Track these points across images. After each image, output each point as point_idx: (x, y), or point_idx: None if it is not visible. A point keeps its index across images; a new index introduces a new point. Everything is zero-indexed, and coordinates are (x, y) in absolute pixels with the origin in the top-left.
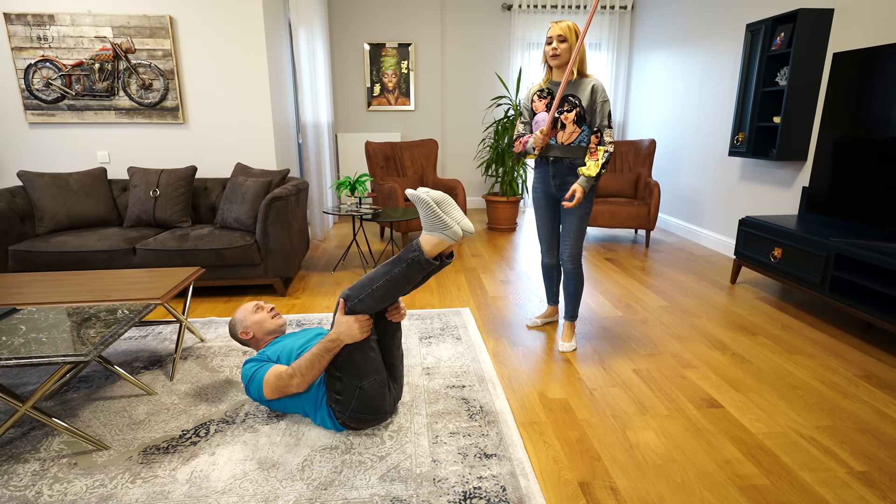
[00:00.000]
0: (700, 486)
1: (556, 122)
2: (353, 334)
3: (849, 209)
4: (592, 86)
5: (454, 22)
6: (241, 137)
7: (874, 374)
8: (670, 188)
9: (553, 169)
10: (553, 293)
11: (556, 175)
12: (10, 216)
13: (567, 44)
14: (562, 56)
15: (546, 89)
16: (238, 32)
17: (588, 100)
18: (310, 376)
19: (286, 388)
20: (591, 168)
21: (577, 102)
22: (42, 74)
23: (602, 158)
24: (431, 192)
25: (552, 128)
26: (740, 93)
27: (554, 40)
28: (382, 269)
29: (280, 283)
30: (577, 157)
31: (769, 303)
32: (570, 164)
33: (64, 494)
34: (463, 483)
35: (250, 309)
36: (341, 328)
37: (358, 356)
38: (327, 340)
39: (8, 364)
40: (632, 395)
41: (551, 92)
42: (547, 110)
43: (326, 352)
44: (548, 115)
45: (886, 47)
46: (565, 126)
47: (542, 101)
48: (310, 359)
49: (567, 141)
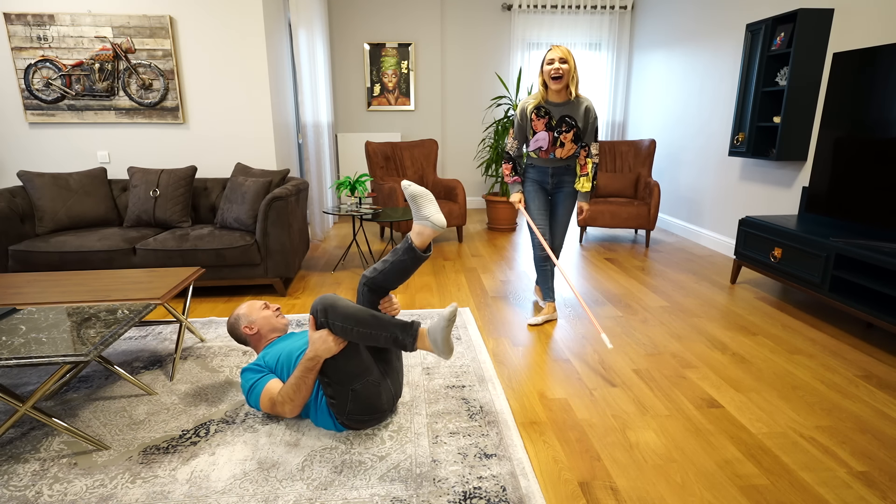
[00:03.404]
0: (700, 486)
1: (555, 141)
2: (329, 348)
3: (849, 209)
4: (586, 107)
5: (454, 22)
6: (241, 137)
7: (874, 374)
8: (670, 188)
9: (552, 170)
10: (550, 287)
11: (555, 174)
12: (10, 216)
13: (567, 65)
14: (563, 78)
15: (543, 108)
16: (238, 32)
17: (583, 120)
18: (299, 399)
19: (280, 414)
20: (584, 185)
21: (574, 123)
22: (42, 74)
23: (591, 171)
24: (412, 187)
25: (552, 146)
26: (740, 93)
27: (556, 61)
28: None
29: (280, 283)
30: (573, 163)
31: (769, 303)
32: (567, 167)
33: (64, 494)
34: (463, 483)
35: (258, 306)
36: (317, 345)
37: (342, 362)
38: (306, 360)
39: (8, 364)
40: (632, 395)
41: (549, 111)
42: (546, 129)
43: (308, 371)
44: (548, 134)
45: (886, 47)
46: (564, 144)
47: (540, 119)
48: (294, 382)
49: (565, 156)
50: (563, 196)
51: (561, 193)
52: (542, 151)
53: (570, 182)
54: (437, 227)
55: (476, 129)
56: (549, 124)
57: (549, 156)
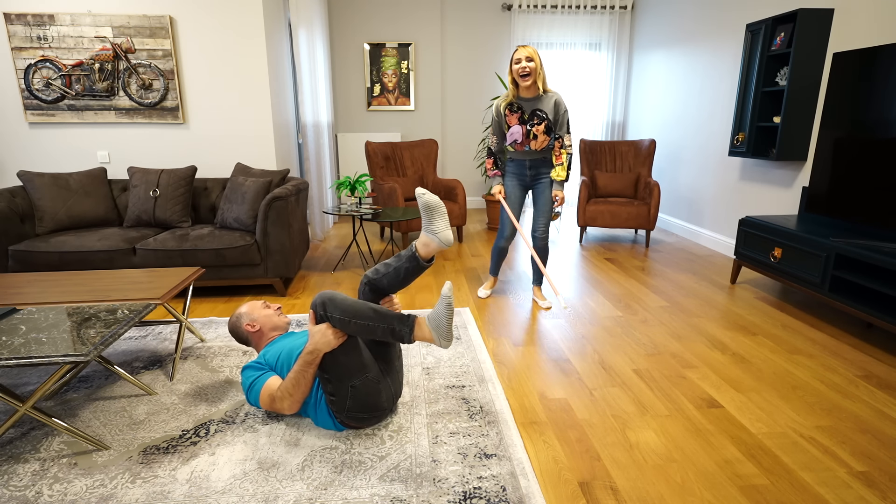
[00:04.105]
0: (700, 486)
1: (528, 133)
2: (328, 342)
3: (849, 209)
4: (555, 101)
5: (454, 22)
6: (241, 137)
7: (874, 374)
8: (670, 188)
9: (530, 163)
10: (498, 267)
11: (532, 167)
12: (10, 216)
13: (534, 63)
14: (531, 75)
15: (516, 104)
16: (238, 32)
17: (553, 112)
18: (298, 394)
19: (280, 410)
20: (560, 174)
21: (544, 116)
22: (42, 74)
23: (566, 161)
24: (426, 196)
25: (525, 138)
26: (740, 93)
27: (523, 60)
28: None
29: (280, 283)
30: (548, 156)
31: (769, 303)
32: (543, 160)
33: (64, 494)
34: (463, 483)
35: (259, 305)
36: (316, 338)
37: (342, 358)
38: (305, 353)
39: (8, 364)
40: (632, 395)
41: (521, 107)
42: (520, 123)
43: (307, 365)
44: (521, 127)
45: (886, 47)
46: (537, 137)
47: (513, 114)
48: (294, 377)
49: (539, 148)
50: (542, 187)
51: (540, 185)
52: (518, 144)
53: (547, 174)
54: (443, 244)
55: (476, 129)
56: (522, 118)
57: (524, 148)
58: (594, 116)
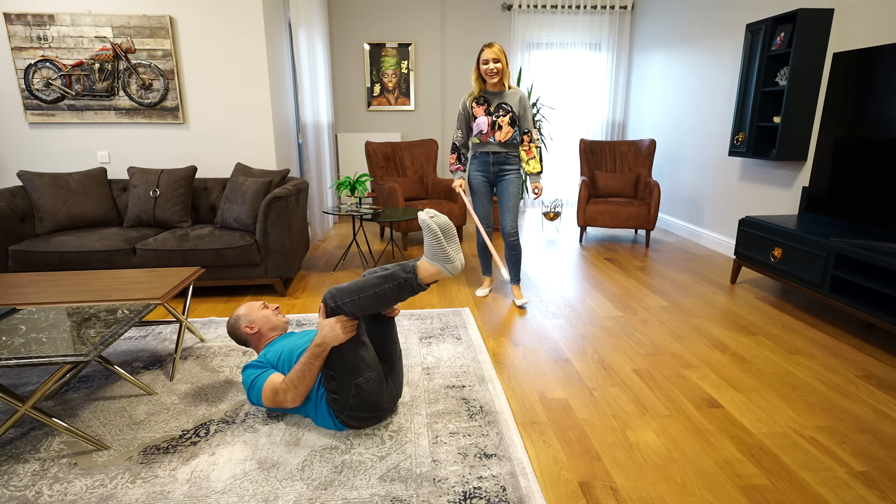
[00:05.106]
0: (700, 486)
1: (493, 124)
2: (337, 336)
3: (849, 209)
4: (520, 96)
5: (454, 22)
6: (241, 137)
7: (874, 374)
8: (670, 188)
9: (493, 158)
10: (488, 265)
11: (496, 163)
12: (10, 216)
13: (500, 63)
14: (498, 73)
15: (483, 97)
16: (238, 32)
17: (518, 106)
18: (303, 387)
19: (282, 403)
20: (534, 166)
21: (509, 108)
22: (42, 74)
23: (537, 154)
24: (438, 219)
25: (490, 129)
26: (740, 93)
27: (490, 61)
28: (373, 281)
29: (280, 283)
30: (511, 150)
31: (769, 303)
32: (506, 155)
33: (64, 494)
34: (463, 483)
35: (257, 306)
36: (325, 331)
37: (349, 355)
38: (313, 346)
39: (8, 364)
40: (632, 395)
41: (487, 99)
42: (486, 114)
43: (315, 358)
44: (487, 118)
45: (886, 47)
46: (502, 127)
47: (480, 107)
48: (300, 369)
49: (504, 139)
50: (506, 183)
51: (504, 181)
52: (483, 135)
53: (510, 170)
54: (453, 274)
55: None
56: (488, 110)
57: (489, 139)
58: (594, 116)
